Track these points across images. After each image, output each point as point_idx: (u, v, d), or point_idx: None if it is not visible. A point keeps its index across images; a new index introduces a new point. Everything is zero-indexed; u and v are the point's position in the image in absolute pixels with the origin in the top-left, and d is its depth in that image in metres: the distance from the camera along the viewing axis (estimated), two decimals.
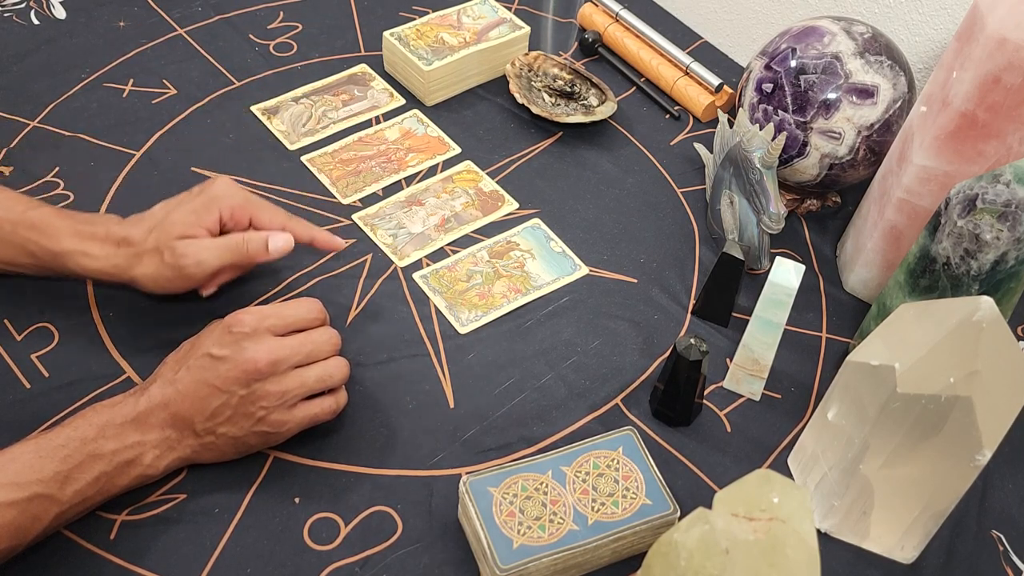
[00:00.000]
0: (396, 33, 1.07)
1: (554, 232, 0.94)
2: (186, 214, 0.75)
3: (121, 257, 0.76)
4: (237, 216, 0.77)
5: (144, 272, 0.75)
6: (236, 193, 0.78)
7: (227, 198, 0.77)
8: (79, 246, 0.76)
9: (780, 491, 0.57)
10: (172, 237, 0.74)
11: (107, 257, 0.76)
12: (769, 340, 0.79)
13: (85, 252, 0.76)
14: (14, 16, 1.10)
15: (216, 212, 0.76)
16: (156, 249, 0.75)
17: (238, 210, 0.77)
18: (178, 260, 0.74)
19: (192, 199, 0.77)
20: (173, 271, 0.75)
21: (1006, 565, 0.75)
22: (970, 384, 0.62)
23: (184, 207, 0.76)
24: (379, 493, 0.74)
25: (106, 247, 0.76)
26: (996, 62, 0.74)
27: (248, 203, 0.78)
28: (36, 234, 0.76)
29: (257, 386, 0.68)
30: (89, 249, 0.76)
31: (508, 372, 0.83)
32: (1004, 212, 0.71)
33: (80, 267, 0.76)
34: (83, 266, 0.76)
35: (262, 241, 0.77)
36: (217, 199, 0.76)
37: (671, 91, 1.11)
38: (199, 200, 0.76)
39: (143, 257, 0.75)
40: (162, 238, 0.75)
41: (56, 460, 0.64)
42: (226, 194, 0.77)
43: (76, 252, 0.76)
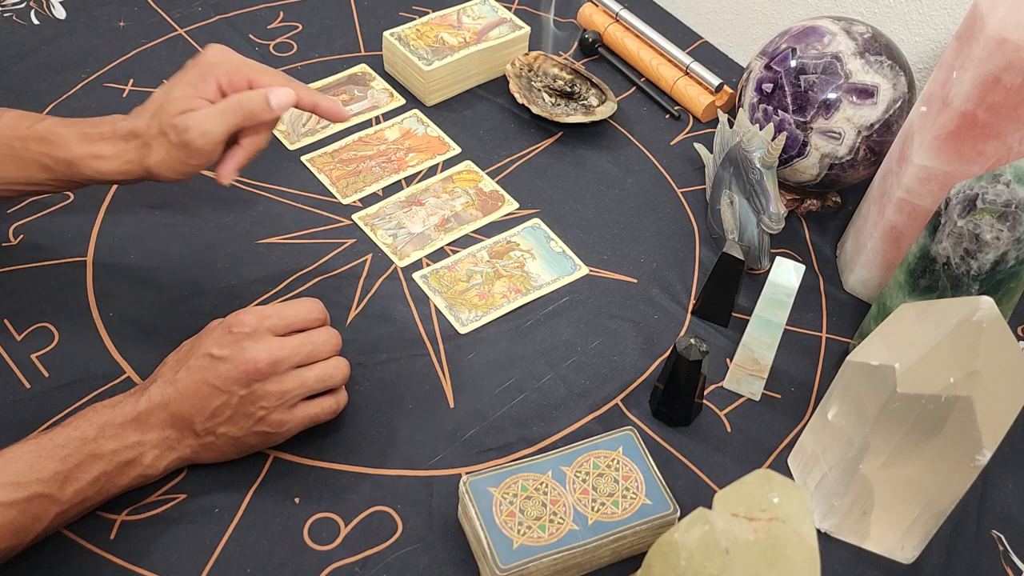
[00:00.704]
0: (396, 33, 1.07)
1: (554, 232, 0.94)
2: (183, 88, 0.72)
3: (132, 151, 0.73)
4: (235, 81, 0.73)
5: (157, 159, 0.72)
6: (230, 58, 0.74)
7: (221, 64, 0.73)
8: (90, 149, 0.73)
9: (780, 491, 0.57)
10: (173, 115, 0.71)
11: (119, 154, 0.73)
12: (769, 340, 0.79)
13: (96, 154, 0.73)
14: (14, 16, 1.10)
15: (212, 80, 0.73)
16: (161, 132, 0.71)
17: (234, 75, 0.73)
18: (182, 136, 0.71)
19: (186, 73, 0.73)
20: (182, 150, 0.71)
21: (1006, 565, 0.75)
22: (970, 384, 0.62)
23: (180, 82, 0.73)
24: (379, 493, 0.74)
25: (116, 144, 0.73)
26: (996, 62, 0.74)
27: (244, 66, 0.74)
28: (46, 146, 0.74)
29: (257, 386, 0.68)
30: (100, 150, 0.73)
31: (508, 372, 0.83)
32: (1004, 212, 0.71)
33: (95, 171, 0.74)
34: (98, 169, 0.74)
35: (262, 96, 0.72)
36: (212, 66, 0.73)
37: (671, 91, 1.11)
38: (194, 72, 0.73)
39: (151, 144, 0.72)
40: (164, 119, 0.71)
41: (56, 460, 0.64)
42: (220, 60, 0.73)
43: (88, 156, 0.73)
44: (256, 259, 0.89)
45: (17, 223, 0.89)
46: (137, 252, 0.88)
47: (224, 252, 0.89)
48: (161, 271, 0.86)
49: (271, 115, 0.73)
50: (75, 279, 0.85)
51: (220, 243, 0.89)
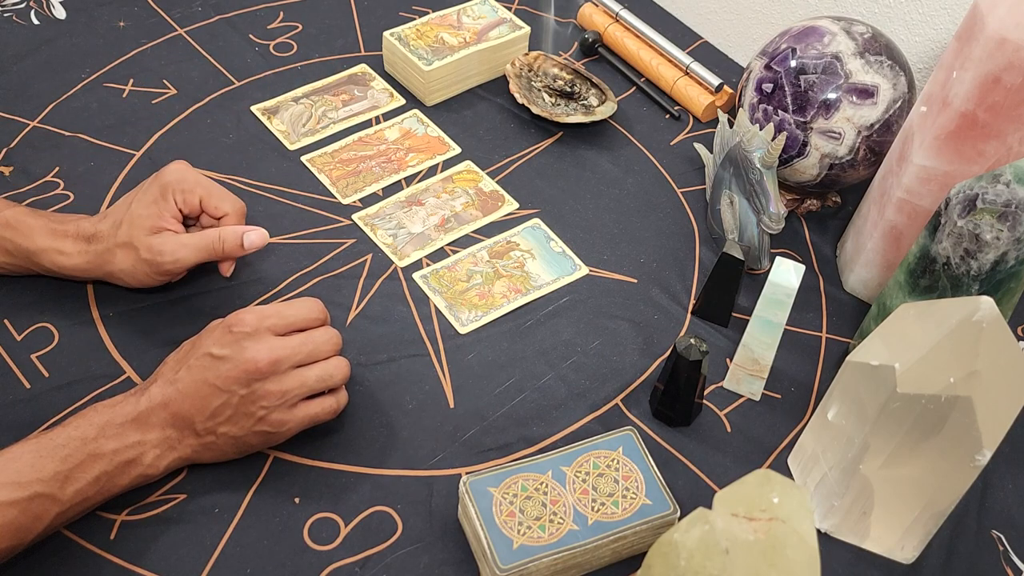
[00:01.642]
0: (396, 33, 1.07)
1: (554, 232, 0.95)
2: (147, 206, 0.77)
3: (92, 253, 0.78)
4: (189, 201, 0.79)
5: (121, 268, 0.77)
6: (187, 177, 0.79)
7: (178, 183, 0.78)
8: (53, 244, 0.78)
9: (780, 491, 0.57)
10: (143, 231, 0.77)
11: (79, 254, 0.78)
12: (769, 340, 0.79)
13: (59, 250, 0.78)
14: (14, 16, 1.10)
15: (171, 198, 0.78)
16: (129, 244, 0.77)
17: (188, 194, 0.79)
18: (155, 257, 0.76)
19: (149, 188, 0.79)
20: (151, 267, 0.77)
21: (1006, 565, 0.75)
22: (970, 384, 0.62)
23: (144, 198, 0.78)
24: (379, 493, 0.74)
25: (78, 244, 0.78)
26: (996, 62, 0.74)
27: (198, 186, 0.79)
28: (11, 232, 0.78)
29: (257, 386, 0.68)
30: (62, 247, 0.78)
31: (508, 372, 0.83)
32: (1004, 212, 0.71)
33: (55, 264, 0.78)
34: (58, 263, 0.78)
35: (237, 238, 0.78)
36: (170, 185, 0.78)
37: (671, 91, 1.11)
38: (155, 188, 0.78)
39: (116, 252, 0.77)
40: (133, 233, 0.77)
41: (56, 460, 0.64)
42: (177, 179, 0.79)
43: (50, 250, 0.78)
44: (256, 259, 0.88)
45: None
46: None
47: None
48: None
49: (241, 254, 0.80)
50: None
51: None
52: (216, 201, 0.80)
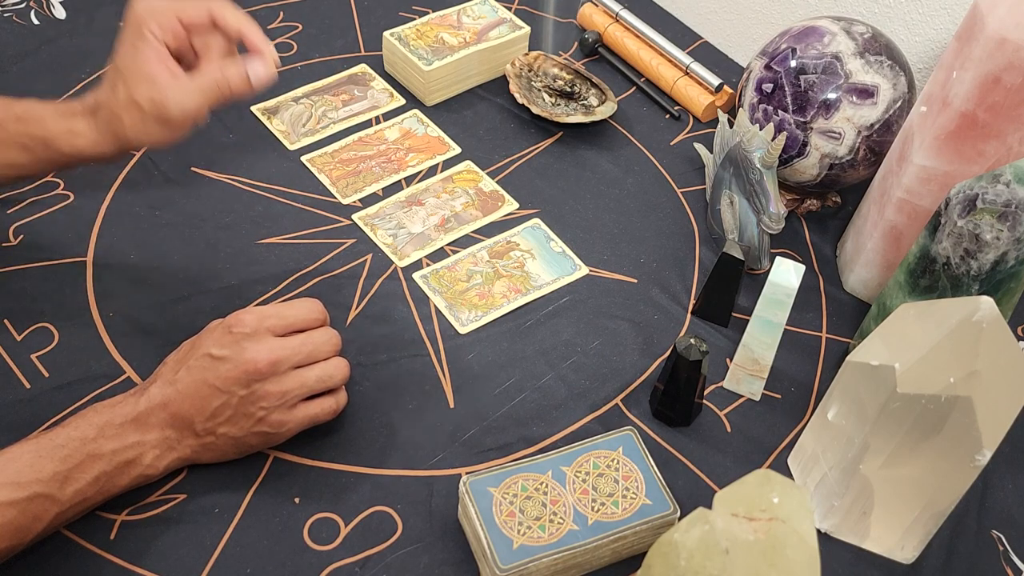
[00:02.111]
0: (396, 33, 1.07)
1: (554, 232, 0.94)
2: (129, 53, 0.71)
3: (103, 124, 0.73)
4: (165, 25, 0.72)
5: (134, 130, 0.72)
6: (153, 4, 0.72)
7: (147, 14, 0.72)
8: (66, 125, 0.74)
9: (780, 491, 0.57)
10: (139, 83, 0.71)
11: (91, 130, 0.74)
12: (769, 340, 0.79)
13: (71, 130, 0.74)
14: (14, 16, 1.10)
15: (147, 35, 0.71)
16: (132, 102, 0.71)
17: (161, 18, 0.72)
18: (161, 111, 0.71)
19: (124, 35, 0.73)
20: (160, 123, 0.72)
21: (1006, 565, 0.75)
22: (970, 384, 0.62)
23: (123, 48, 0.72)
24: (379, 493, 0.74)
25: (87, 119, 0.74)
26: (996, 62, 0.74)
27: (168, 8, 0.72)
28: (24, 125, 0.74)
29: (257, 386, 0.68)
30: (74, 126, 0.74)
31: (508, 372, 0.83)
32: (1004, 212, 0.71)
33: (73, 148, 0.74)
34: (75, 146, 0.74)
35: (243, 77, 0.73)
36: (141, 20, 0.72)
37: (671, 91, 1.11)
38: (128, 32, 0.72)
39: (122, 117, 0.72)
40: (131, 88, 0.71)
41: (56, 460, 0.64)
42: (145, 11, 0.72)
43: (64, 132, 0.74)
44: (256, 259, 0.89)
45: (17, 223, 0.89)
46: (137, 252, 0.88)
47: (224, 252, 0.89)
48: (161, 271, 0.86)
49: (251, 92, 0.73)
50: (75, 279, 0.85)
51: (220, 243, 0.89)
52: (192, 10, 0.72)
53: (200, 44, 0.74)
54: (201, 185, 0.94)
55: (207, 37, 0.74)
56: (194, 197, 0.93)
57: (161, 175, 0.95)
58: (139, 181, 0.94)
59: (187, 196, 0.93)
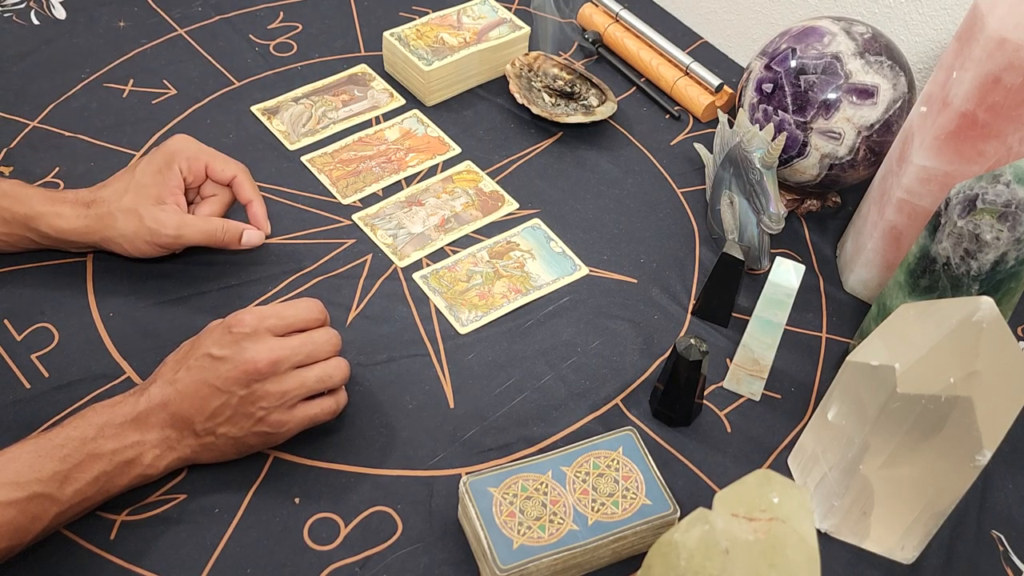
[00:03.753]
0: (396, 33, 1.07)
1: (554, 232, 0.94)
2: (153, 175, 0.80)
3: (92, 217, 0.79)
4: (194, 167, 0.82)
5: (123, 233, 0.79)
6: (190, 146, 0.83)
7: (183, 152, 0.82)
8: (51, 208, 0.79)
9: (780, 491, 0.57)
10: (148, 200, 0.79)
11: (78, 217, 0.79)
12: (769, 340, 0.79)
13: (57, 213, 0.79)
14: (14, 16, 1.10)
15: (175, 168, 0.81)
16: (134, 211, 0.79)
17: (194, 161, 0.82)
18: (159, 228, 0.79)
19: (153, 158, 0.81)
20: (151, 236, 0.79)
21: (1006, 565, 0.75)
22: (970, 384, 0.62)
23: (148, 168, 0.81)
24: (379, 493, 0.74)
25: (76, 208, 0.80)
26: (996, 62, 0.74)
27: (202, 153, 0.83)
28: (8, 201, 0.79)
29: (257, 386, 0.68)
30: (60, 211, 0.79)
31: (508, 372, 0.83)
32: (1004, 212, 0.71)
33: (53, 228, 0.79)
34: (56, 227, 0.79)
35: (237, 233, 0.82)
36: (175, 154, 0.81)
37: (671, 91, 1.11)
38: (159, 158, 0.81)
39: (118, 217, 0.79)
40: (139, 200, 0.79)
41: (55, 460, 0.64)
42: (182, 148, 0.82)
43: (48, 214, 0.79)
44: (256, 259, 0.88)
45: None
46: None
47: (224, 252, 0.89)
48: (161, 271, 0.86)
49: (237, 247, 0.83)
50: (75, 279, 0.85)
51: None
52: (220, 165, 0.83)
53: (209, 194, 0.85)
54: None
55: (218, 188, 0.85)
56: None
57: None
58: None
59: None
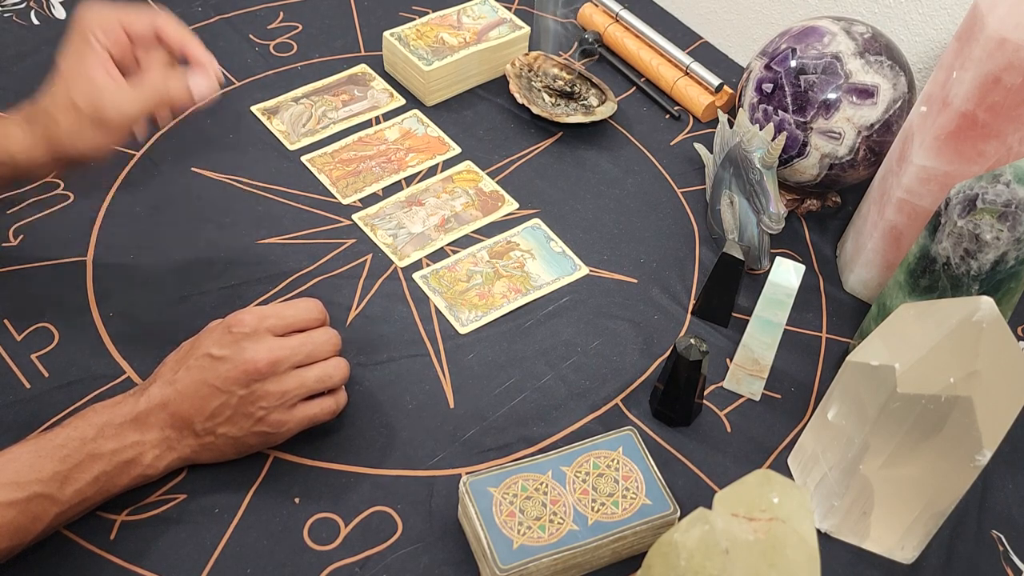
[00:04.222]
0: (396, 33, 1.07)
1: (554, 232, 0.94)
2: (72, 57, 0.71)
3: (39, 127, 0.72)
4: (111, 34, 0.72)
5: (68, 132, 0.71)
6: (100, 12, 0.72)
7: (92, 21, 0.72)
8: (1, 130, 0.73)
9: (780, 491, 0.57)
10: (80, 86, 0.71)
11: (25, 135, 0.73)
12: (769, 340, 0.79)
13: (5, 134, 0.73)
14: (14, 16, 1.10)
15: (91, 41, 0.71)
16: (69, 104, 0.71)
17: (107, 27, 0.72)
18: (98, 112, 0.71)
19: (69, 41, 0.72)
20: (96, 123, 0.71)
21: (1006, 565, 0.75)
22: (970, 384, 0.62)
23: (67, 53, 0.72)
24: (379, 493, 0.74)
25: (21, 126, 0.73)
26: (996, 62, 0.74)
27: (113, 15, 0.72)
28: None
29: (257, 386, 0.68)
30: (8, 131, 0.74)
31: (508, 372, 0.83)
32: (1004, 212, 0.71)
33: (6, 154, 0.73)
34: (8, 151, 0.73)
35: (183, 85, 0.73)
36: (85, 27, 0.72)
37: (671, 91, 1.11)
38: (73, 37, 0.72)
39: (58, 119, 0.71)
40: (71, 90, 0.71)
41: (55, 460, 0.64)
42: (90, 18, 0.72)
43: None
44: (256, 259, 0.89)
45: (17, 223, 0.89)
46: (137, 252, 0.88)
47: (224, 252, 0.89)
48: (161, 271, 0.86)
49: (191, 104, 0.73)
50: (75, 279, 0.85)
51: (220, 243, 0.89)
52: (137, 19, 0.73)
53: (143, 56, 0.74)
54: (201, 185, 0.94)
55: (150, 50, 0.74)
56: (194, 197, 0.93)
57: (161, 175, 0.95)
58: (139, 181, 0.94)
59: (187, 196, 0.93)
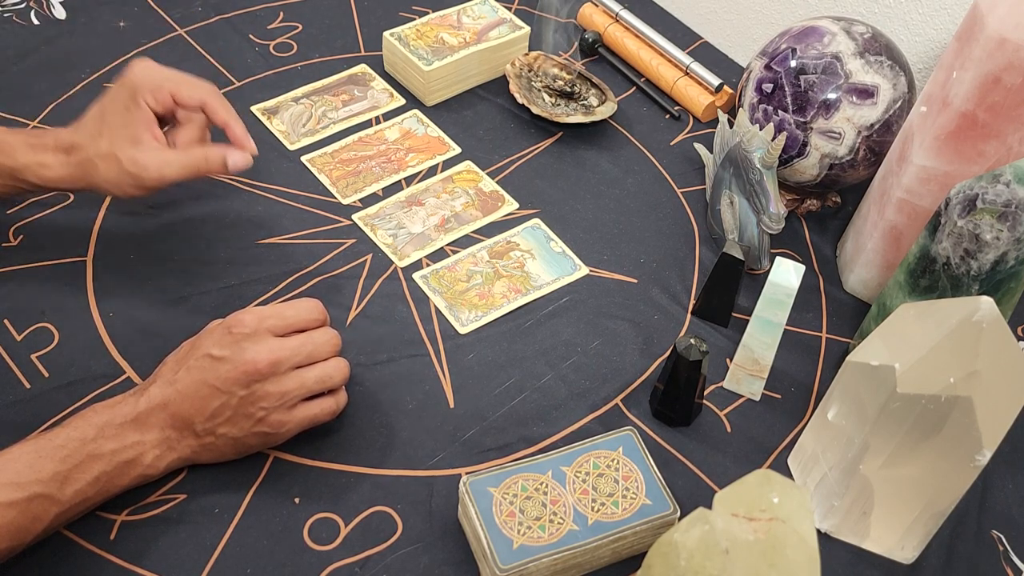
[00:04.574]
0: (396, 33, 1.07)
1: (554, 232, 0.94)
2: (121, 114, 0.77)
3: (73, 165, 0.78)
4: (160, 98, 0.78)
5: (106, 178, 0.77)
6: (153, 76, 0.79)
7: (146, 84, 0.78)
8: (35, 158, 0.78)
9: (780, 491, 0.57)
10: (124, 142, 0.77)
11: (61, 166, 0.78)
12: (769, 340, 0.79)
13: (41, 163, 0.78)
14: (14, 16, 1.10)
15: (142, 102, 0.77)
16: (111, 156, 0.77)
17: (158, 92, 0.78)
18: (140, 172, 0.77)
19: (117, 95, 0.78)
20: (135, 180, 0.77)
21: (1006, 565, 0.75)
22: (970, 384, 0.62)
23: (115, 107, 0.78)
24: (379, 493, 0.74)
25: (58, 156, 0.78)
26: (996, 62, 0.74)
27: (166, 82, 0.79)
28: None
29: (257, 387, 0.68)
30: (44, 160, 0.78)
31: (508, 372, 0.83)
32: (1004, 212, 0.71)
33: (40, 178, 0.79)
34: (43, 177, 0.78)
35: (221, 159, 0.79)
36: (138, 88, 0.78)
37: (671, 91, 1.11)
38: (123, 94, 0.78)
39: (98, 164, 0.77)
40: (114, 144, 0.77)
41: (56, 460, 0.64)
42: (144, 79, 0.78)
43: (33, 164, 0.78)
44: (256, 259, 0.89)
45: (17, 223, 0.89)
46: (137, 252, 0.88)
47: (224, 252, 0.89)
48: (161, 271, 0.86)
49: (225, 173, 0.80)
50: (75, 279, 0.85)
51: (220, 243, 0.89)
52: (187, 90, 0.79)
53: (183, 117, 0.81)
54: (201, 185, 0.94)
55: (192, 114, 0.81)
56: (194, 197, 0.93)
57: None
58: None
59: (187, 196, 0.93)
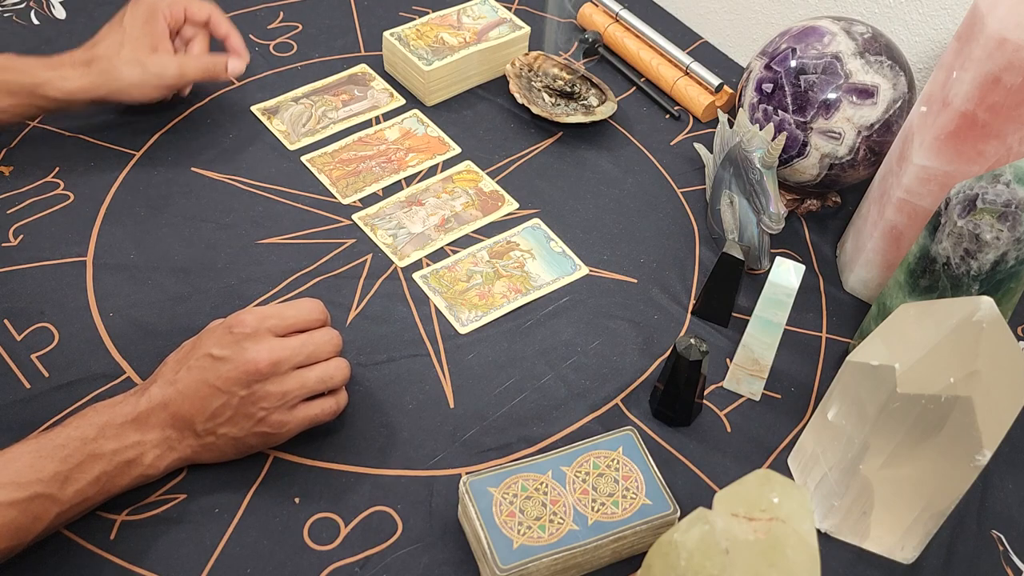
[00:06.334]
0: (396, 33, 1.07)
1: (554, 232, 0.95)
2: (141, 27, 0.89)
3: (95, 73, 0.87)
4: (174, 12, 0.91)
5: (131, 82, 0.88)
6: None
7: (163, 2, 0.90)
8: (55, 72, 0.86)
9: (780, 491, 0.57)
10: (145, 49, 0.88)
11: (82, 76, 0.86)
12: (769, 340, 0.79)
13: (62, 76, 0.86)
14: (14, 16, 1.10)
15: (159, 16, 0.90)
16: (136, 60, 0.88)
17: (173, 7, 0.91)
18: (163, 71, 0.89)
19: (136, 10, 0.89)
20: (158, 80, 0.90)
21: (1006, 565, 0.75)
22: (970, 384, 0.62)
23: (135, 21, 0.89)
24: (379, 493, 0.74)
25: (78, 68, 0.86)
26: (996, 62, 0.74)
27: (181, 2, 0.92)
28: (10, 74, 0.85)
29: (257, 387, 0.68)
30: (64, 73, 0.86)
31: (508, 372, 0.83)
32: (1004, 212, 0.71)
33: (60, 91, 0.86)
34: (63, 89, 0.86)
35: (224, 63, 0.93)
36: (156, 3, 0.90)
37: (671, 91, 1.11)
38: (143, 8, 0.89)
39: (122, 69, 0.87)
40: (137, 51, 0.88)
41: (56, 460, 0.64)
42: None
43: (54, 78, 0.85)
44: (256, 259, 0.89)
45: (17, 223, 0.89)
46: (137, 252, 0.88)
47: (224, 252, 0.89)
48: (161, 271, 0.86)
49: (226, 77, 0.95)
50: (75, 279, 0.85)
51: (220, 243, 0.89)
52: (196, 6, 0.93)
53: (188, 32, 0.94)
54: (201, 185, 0.94)
55: (196, 29, 0.94)
56: (194, 197, 0.93)
57: (161, 175, 0.95)
58: (139, 181, 0.94)
59: (187, 196, 0.93)
